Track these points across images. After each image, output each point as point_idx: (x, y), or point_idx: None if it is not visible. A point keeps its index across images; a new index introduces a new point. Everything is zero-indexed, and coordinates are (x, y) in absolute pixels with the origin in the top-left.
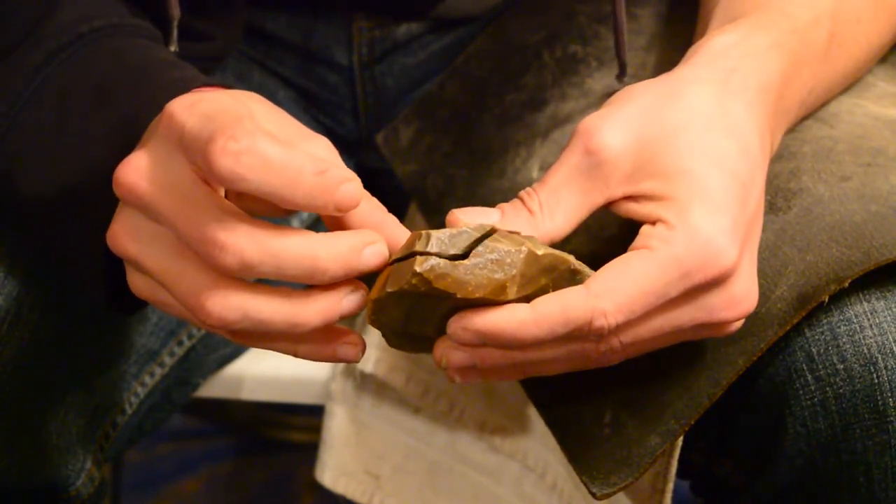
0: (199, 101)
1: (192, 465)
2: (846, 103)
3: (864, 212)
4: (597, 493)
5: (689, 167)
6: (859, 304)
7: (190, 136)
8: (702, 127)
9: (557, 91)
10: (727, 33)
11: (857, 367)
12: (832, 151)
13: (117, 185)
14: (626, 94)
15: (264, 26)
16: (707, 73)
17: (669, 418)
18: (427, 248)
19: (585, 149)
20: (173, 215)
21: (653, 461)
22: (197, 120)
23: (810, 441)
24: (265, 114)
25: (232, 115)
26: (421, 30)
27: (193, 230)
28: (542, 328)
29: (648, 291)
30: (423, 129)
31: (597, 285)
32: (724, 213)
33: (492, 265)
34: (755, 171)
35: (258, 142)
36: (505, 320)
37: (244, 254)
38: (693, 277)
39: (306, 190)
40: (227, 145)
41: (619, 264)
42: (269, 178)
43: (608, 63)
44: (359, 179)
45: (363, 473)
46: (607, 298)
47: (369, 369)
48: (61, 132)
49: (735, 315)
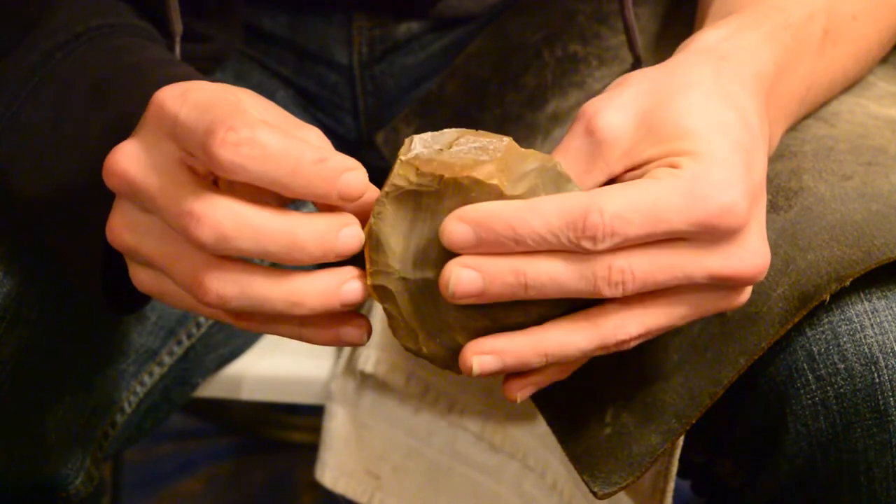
0: (190, 90)
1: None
2: (847, 102)
3: (865, 211)
4: (598, 492)
5: (693, 128)
6: (860, 303)
7: (185, 126)
8: (701, 96)
9: (558, 90)
10: (718, 28)
11: (858, 366)
12: (833, 151)
13: (107, 174)
14: (625, 80)
15: (264, 26)
16: (699, 59)
17: (670, 417)
18: (411, 149)
19: (586, 129)
20: (157, 196)
21: (654, 460)
22: (190, 110)
23: (811, 440)
24: (255, 104)
25: (228, 105)
26: (421, 29)
27: (172, 206)
28: (536, 216)
29: (649, 206)
30: (423, 128)
31: (595, 191)
32: (732, 169)
33: (476, 151)
34: (756, 145)
35: (257, 132)
36: (499, 207)
37: (221, 226)
38: (698, 211)
39: (307, 178)
40: (227, 136)
41: (624, 183)
42: (269, 167)
43: (609, 62)
44: (363, 168)
45: (363, 473)
46: (606, 198)
47: (369, 369)
48: (58, 130)
49: (748, 270)
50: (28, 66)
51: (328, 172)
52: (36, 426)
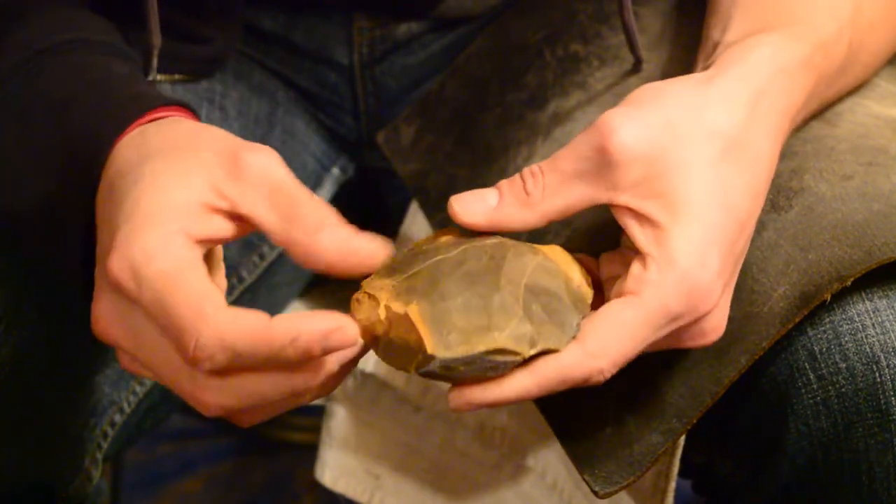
0: (140, 268)
1: (192, 465)
2: (848, 102)
3: (865, 211)
4: (599, 491)
5: (693, 198)
6: (861, 302)
7: (150, 314)
8: (717, 155)
9: (559, 89)
10: (761, 46)
11: (860, 365)
12: (834, 150)
13: (97, 335)
14: (654, 97)
15: (264, 26)
16: (738, 89)
17: (671, 417)
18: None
19: (602, 146)
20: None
21: (655, 460)
22: (149, 301)
23: (812, 440)
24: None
25: (186, 303)
26: (421, 29)
27: (171, 327)
28: (542, 390)
29: (640, 341)
30: (424, 128)
31: (591, 343)
32: (715, 253)
33: (488, 370)
34: (755, 208)
35: (225, 341)
36: (507, 392)
37: (217, 361)
38: (679, 321)
39: (286, 357)
40: (197, 353)
41: (611, 318)
42: (246, 361)
43: (610, 62)
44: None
45: (363, 472)
46: (603, 356)
47: (369, 369)
48: (23, 147)
49: (702, 344)
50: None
51: (302, 348)
52: (34, 426)
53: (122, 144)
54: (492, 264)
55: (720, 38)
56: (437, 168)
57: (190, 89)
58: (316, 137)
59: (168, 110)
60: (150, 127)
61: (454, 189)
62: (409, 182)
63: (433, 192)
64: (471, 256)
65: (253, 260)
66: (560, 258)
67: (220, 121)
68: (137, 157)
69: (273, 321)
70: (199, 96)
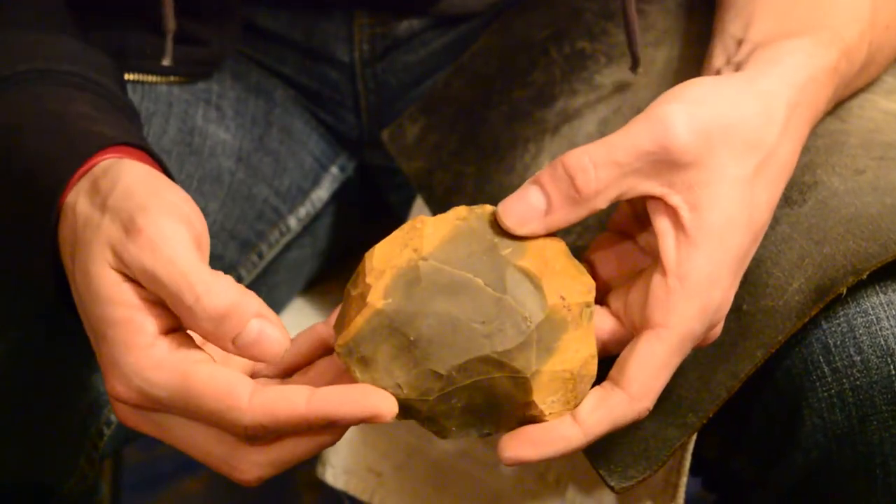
0: (142, 389)
1: (192, 465)
2: (857, 98)
3: (879, 204)
4: (615, 486)
5: (723, 218)
6: (876, 295)
7: (179, 413)
8: (752, 171)
9: (566, 87)
10: (795, 53)
11: (874, 358)
12: (845, 145)
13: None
14: (706, 95)
15: (264, 24)
16: (777, 102)
17: (687, 411)
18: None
19: (666, 143)
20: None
21: (671, 454)
22: (168, 404)
23: (827, 433)
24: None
25: (212, 399)
26: (422, 26)
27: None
28: (590, 439)
29: (673, 368)
30: (428, 126)
31: (636, 388)
32: (730, 272)
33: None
34: (770, 217)
35: (267, 428)
36: (556, 444)
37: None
38: (699, 338)
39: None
40: (249, 434)
41: (646, 358)
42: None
43: (617, 59)
44: (280, 337)
45: (365, 471)
46: (647, 397)
47: None
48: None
49: (704, 345)
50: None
51: (341, 429)
52: (29, 424)
53: (79, 195)
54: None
55: (744, 35)
56: (442, 165)
57: (187, 90)
58: (315, 136)
59: (117, 150)
60: (104, 182)
61: (461, 186)
62: (415, 180)
63: (439, 189)
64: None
65: (252, 259)
66: (552, 259)
67: (217, 121)
68: (90, 219)
69: (308, 402)
70: (196, 97)
